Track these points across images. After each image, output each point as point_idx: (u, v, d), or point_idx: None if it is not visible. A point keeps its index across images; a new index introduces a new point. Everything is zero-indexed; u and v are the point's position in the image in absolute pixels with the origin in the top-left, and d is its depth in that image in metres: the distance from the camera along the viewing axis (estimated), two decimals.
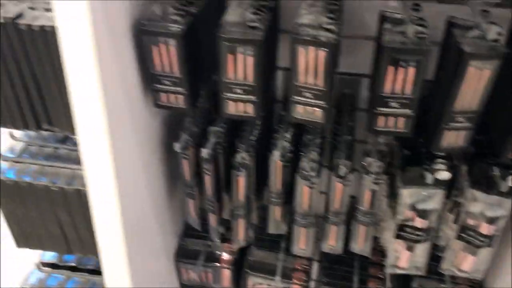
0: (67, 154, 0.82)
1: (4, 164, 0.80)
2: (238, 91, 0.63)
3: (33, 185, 0.77)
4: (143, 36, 0.61)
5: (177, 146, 0.71)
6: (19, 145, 0.83)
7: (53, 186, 0.77)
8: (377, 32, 0.66)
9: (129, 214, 0.69)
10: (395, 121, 0.61)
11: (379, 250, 0.83)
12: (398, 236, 0.71)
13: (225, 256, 0.90)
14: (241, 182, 0.72)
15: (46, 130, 0.71)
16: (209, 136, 0.73)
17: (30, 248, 0.88)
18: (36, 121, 0.69)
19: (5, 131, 0.78)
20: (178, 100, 0.66)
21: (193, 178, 0.76)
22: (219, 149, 0.72)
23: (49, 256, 0.98)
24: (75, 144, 0.84)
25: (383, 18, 0.64)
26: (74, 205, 0.78)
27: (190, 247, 0.93)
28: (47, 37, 0.61)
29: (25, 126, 0.70)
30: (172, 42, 0.60)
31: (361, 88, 0.82)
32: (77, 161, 0.81)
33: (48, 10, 0.62)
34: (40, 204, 0.79)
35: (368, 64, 0.75)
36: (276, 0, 0.67)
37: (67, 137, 0.85)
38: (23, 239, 0.86)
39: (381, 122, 0.62)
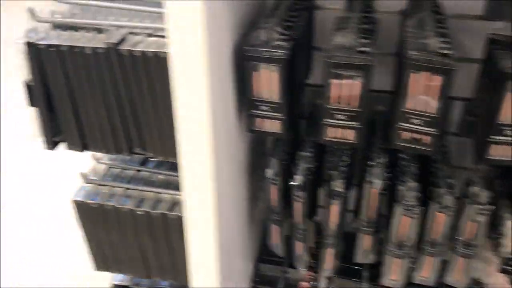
0: (148, 176, 0.82)
1: (88, 187, 0.80)
2: (341, 117, 0.60)
3: (118, 208, 0.77)
4: (246, 62, 0.59)
5: (269, 173, 0.69)
6: (101, 168, 0.83)
7: (138, 210, 0.76)
8: (486, 56, 0.63)
9: (222, 239, 0.67)
10: (510, 150, 0.58)
11: None
12: (503, 270, 0.67)
13: (304, 283, 0.87)
14: (334, 210, 0.69)
15: (138, 154, 0.70)
16: (299, 162, 0.71)
17: (109, 271, 0.87)
18: (128, 145, 0.69)
19: (88, 153, 0.77)
20: (274, 126, 0.64)
21: (280, 204, 0.74)
22: (309, 175, 0.70)
23: (120, 277, 0.97)
24: (155, 166, 0.84)
25: (492, 41, 0.61)
26: (158, 229, 0.77)
27: (266, 272, 0.91)
28: (148, 63, 0.60)
29: (117, 150, 0.69)
30: (274, 68, 0.59)
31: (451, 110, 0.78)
32: (159, 184, 0.80)
33: (151, 35, 0.62)
34: (123, 228, 0.79)
35: (461, 87, 0.72)
36: (375, 23, 0.65)
37: (147, 160, 0.85)
38: (102, 262, 0.86)
39: (493, 151, 0.58)
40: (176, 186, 0.79)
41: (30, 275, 1.28)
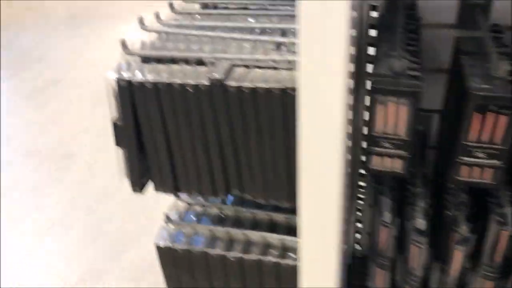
0: (233, 214, 0.75)
1: (171, 228, 0.73)
2: (480, 155, 0.53)
3: (207, 253, 0.70)
4: (371, 94, 0.52)
5: (386, 216, 0.62)
6: (181, 206, 0.77)
7: (229, 255, 0.69)
8: None
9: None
10: None
11: None
12: None
13: None
14: (458, 256, 0.61)
15: (234, 195, 0.63)
16: (415, 201, 0.63)
17: None
18: (226, 187, 0.62)
19: None
20: (395, 164, 0.57)
21: (392, 249, 0.66)
22: (427, 216, 0.62)
23: None
24: (237, 203, 0.76)
25: None
26: (251, 276, 0.70)
27: None
28: (257, 99, 0.54)
29: (213, 192, 0.63)
30: (405, 101, 0.52)
31: None
32: (246, 223, 0.73)
33: (260, 67, 0.55)
34: (212, 274, 0.72)
35: None
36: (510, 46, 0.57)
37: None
38: None
39: None
40: (266, 226, 0.72)
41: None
